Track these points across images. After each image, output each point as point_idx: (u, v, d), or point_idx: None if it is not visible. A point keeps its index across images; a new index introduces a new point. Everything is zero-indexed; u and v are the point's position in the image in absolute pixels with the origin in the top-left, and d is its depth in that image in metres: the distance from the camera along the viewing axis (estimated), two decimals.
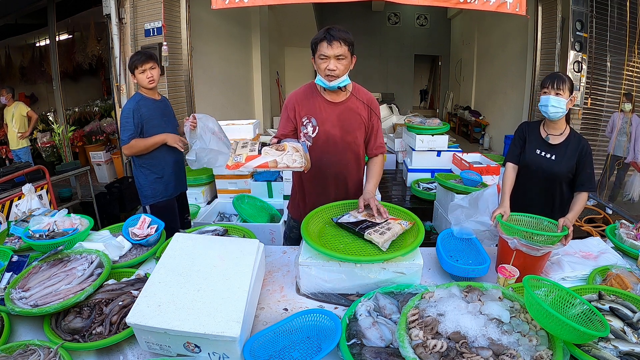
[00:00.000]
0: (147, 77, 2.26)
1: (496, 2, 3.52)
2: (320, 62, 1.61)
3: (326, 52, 1.57)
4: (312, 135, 1.74)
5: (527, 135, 1.92)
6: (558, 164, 1.80)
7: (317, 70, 1.65)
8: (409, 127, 4.42)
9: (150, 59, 2.27)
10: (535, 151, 1.87)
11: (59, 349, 1.06)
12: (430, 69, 14.14)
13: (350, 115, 1.75)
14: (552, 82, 1.74)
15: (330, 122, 1.73)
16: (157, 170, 2.36)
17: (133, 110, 2.23)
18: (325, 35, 1.57)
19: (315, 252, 1.32)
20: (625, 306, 1.19)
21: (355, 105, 1.75)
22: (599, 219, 4.37)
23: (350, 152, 1.80)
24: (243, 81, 7.15)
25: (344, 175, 1.82)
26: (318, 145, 1.75)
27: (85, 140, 5.83)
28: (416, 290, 1.25)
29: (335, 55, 1.58)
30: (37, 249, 1.59)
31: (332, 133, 1.74)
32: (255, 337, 1.10)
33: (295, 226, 1.98)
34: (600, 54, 4.73)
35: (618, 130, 4.48)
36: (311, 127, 1.74)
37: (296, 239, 1.97)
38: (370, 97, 1.80)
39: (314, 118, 1.73)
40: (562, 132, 1.83)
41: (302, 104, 1.76)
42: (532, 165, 1.86)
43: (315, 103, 1.74)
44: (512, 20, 6.22)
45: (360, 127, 1.78)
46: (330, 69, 1.59)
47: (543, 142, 1.85)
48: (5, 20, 6.37)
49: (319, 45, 1.60)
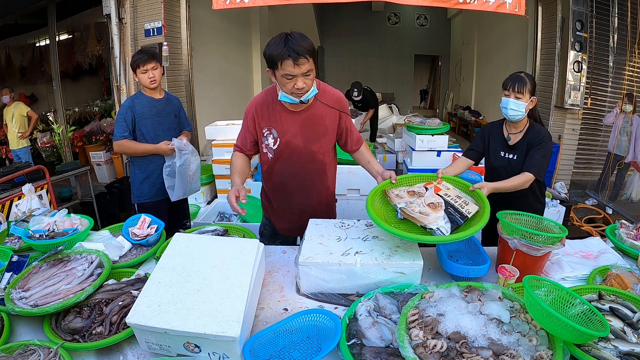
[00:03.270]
0: (148, 77, 2.28)
1: (495, 3, 3.51)
2: (286, 81, 1.45)
3: (293, 72, 1.42)
4: (274, 148, 1.66)
5: (490, 137, 1.96)
6: (519, 163, 1.82)
7: (281, 86, 1.51)
8: (409, 127, 4.41)
9: (153, 58, 2.28)
10: (500, 153, 1.90)
11: (59, 349, 1.05)
12: (430, 69, 14.13)
13: (314, 124, 1.65)
14: (512, 85, 1.75)
15: (291, 133, 1.63)
16: (144, 170, 2.39)
17: (128, 107, 2.27)
18: (288, 52, 1.38)
19: (316, 250, 1.32)
20: (625, 306, 1.19)
21: (319, 112, 1.64)
22: (599, 219, 4.37)
23: (315, 162, 1.72)
24: (243, 81, 7.15)
25: (308, 185, 1.76)
26: (280, 157, 1.69)
27: (85, 140, 5.83)
28: (416, 290, 1.25)
29: (302, 73, 1.43)
30: (37, 249, 1.59)
31: (294, 144, 1.65)
32: (255, 337, 1.10)
33: (267, 223, 1.94)
34: (600, 54, 4.73)
35: (619, 130, 4.48)
36: (272, 138, 1.65)
37: (270, 236, 1.94)
38: (337, 97, 1.68)
39: (274, 129, 1.63)
40: (521, 130, 1.85)
41: (262, 115, 1.64)
42: (498, 167, 1.90)
43: (276, 113, 1.62)
44: (512, 20, 6.21)
45: (326, 135, 1.69)
46: (299, 87, 1.46)
47: (504, 143, 1.89)
48: (5, 20, 6.37)
49: (282, 64, 1.41)
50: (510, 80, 1.76)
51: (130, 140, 2.28)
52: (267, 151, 1.69)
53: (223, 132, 3.60)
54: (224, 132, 3.59)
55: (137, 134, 2.31)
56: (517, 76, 1.77)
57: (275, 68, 1.45)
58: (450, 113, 10.67)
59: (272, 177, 1.78)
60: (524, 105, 1.74)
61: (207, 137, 3.72)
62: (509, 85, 1.76)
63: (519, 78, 1.75)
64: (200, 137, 4.98)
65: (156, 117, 2.36)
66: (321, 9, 9.77)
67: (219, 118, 4.18)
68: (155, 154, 2.34)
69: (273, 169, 1.74)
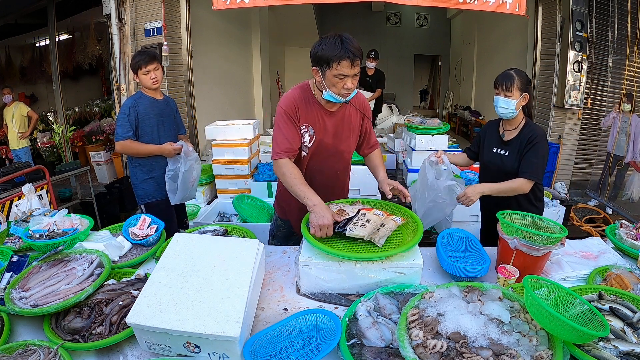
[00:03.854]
0: (150, 78, 2.27)
1: (495, 3, 3.52)
2: (337, 81, 1.48)
3: (347, 72, 1.46)
4: (309, 146, 1.69)
5: (486, 134, 1.99)
6: (509, 159, 1.83)
7: (329, 86, 1.51)
8: (409, 127, 4.41)
9: (154, 59, 2.27)
10: (493, 149, 1.92)
11: (59, 349, 1.06)
12: (430, 69, 14.12)
13: (344, 124, 1.71)
14: (501, 84, 1.77)
15: (325, 132, 1.68)
16: (147, 170, 2.38)
17: (130, 107, 2.25)
18: (347, 53, 1.42)
19: (316, 250, 1.32)
20: (625, 306, 1.19)
21: (349, 114, 1.71)
22: (599, 219, 4.37)
23: (341, 161, 1.79)
24: (243, 81, 7.15)
25: (332, 183, 1.81)
26: (314, 155, 1.72)
27: (85, 140, 5.83)
28: (416, 290, 1.25)
29: (353, 74, 1.49)
30: (37, 249, 1.59)
31: (326, 142, 1.70)
32: (255, 337, 1.10)
33: (282, 225, 1.96)
34: (600, 54, 4.73)
35: (618, 130, 4.48)
36: (308, 136, 1.67)
37: (284, 237, 1.97)
38: (363, 100, 1.77)
39: (311, 127, 1.66)
40: (516, 127, 1.86)
41: (301, 112, 1.65)
42: (489, 163, 1.93)
43: (314, 111, 1.64)
44: (512, 20, 6.22)
45: (352, 135, 1.76)
46: (348, 87, 1.50)
47: (499, 140, 1.91)
48: (5, 20, 6.37)
49: (338, 63, 1.43)
50: (500, 79, 1.78)
51: (134, 140, 2.27)
52: (302, 149, 1.71)
53: (223, 132, 3.59)
54: (224, 132, 3.59)
55: (139, 134, 2.30)
56: (507, 74, 1.78)
57: (327, 67, 1.47)
58: (450, 113, 10.66)
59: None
60: (514, 102, 1.75)
61: (207, 137, 3.72)
62: (498, 84, 1.78)
63: (508, 76, 1.76)
64: (200, 137, 4.97)
65: (159, 118, 2.36)
66: (321, 9, 9.77)
67: (219, 118, 4.18)
68: (159, 154, 2.34)
69: (305, 167, 1.75)
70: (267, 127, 7.41)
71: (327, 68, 1.47)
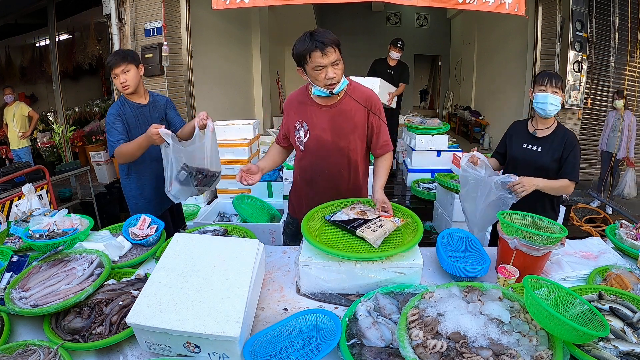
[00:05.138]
0: (120, 82, 1.99)
1: (495, 3, 3.52)
2: (317, 73, 1.53)
3: (322, 62, 1.49)
4: (304, 141, 1.72)
5: (513, 133, 1.99)
6: (544, 155, 1.84)
7: (313, 81, 1.58)
8: (409, 127, 4.41)
9: (124, 60, 1.98)
10: (522, 145, 1.92)
11: (59, 349, 1.06)
12: (430, 69, 14.12)
13: (344, 119, 1.68)
14: (550, 80, 1.78)
15: (320, 127, 1.69)
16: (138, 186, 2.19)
17: (116, 115, 2.01)
18: (315, 44, 1.47)
19: (316, 250, 1.32)
20: (625, 306, 1.19)
21: (349, 107, 1.68)
22: (599, 219, 4.37)
23: (344, 158, 1.74)
24: (243, 81, 7.15)
25: (337, 181, 1.78)
26: (310, 151, 1.73)
27: (85, 140, 5.84)
28: (416, 290, 1.25)
29: (331, 63, 1.51)
30: (37, 249, 1.59)
31: (323, 138, 1.70)
32: (255, 337, 1.10)
33: (291, 222, 1.99)
34: (600, 54, 4.73)
35: (611, 126, 4.50)
36: (303, 132, 1.72)
37: (292, 235, 1.99)
38: (368, 94, 1.70)
39: (305, 122, 1.71)
40: (549, 126, 1.88)
41: (296, 109, 1.75)
42: (519, 158, 1.92)
43: (307, 107, 1.71)
44: (512, 20, 6.21)
45: (356, 131, 1.71)
46: (330, 77, 1.52)
47: (529, 136, 1.91)
48: (5, 20, 6.37)
49: (310, 56, 1.49)
50: (547, 76, 1.79)
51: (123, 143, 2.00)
52: (299, 144, 1.75)
53: (223, 132, 3.59)
54: (224, 132, 3.59)
55: None
56: (551, 73, 1.81)
57: (305, 63, 1.53)
58: (450, 113, 10.66)
59: (304, 172, 1.83)
60: (560, 99, 1.79)
61: None
62: (545, 81, 1.77)
63: (554, 74, 1.80)
64: None
65: (144, 127, 1.96)
66: (321, 9, 9.76)
67: (219, 118, 4.18)
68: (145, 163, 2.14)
69: (304, 162, 1.79)
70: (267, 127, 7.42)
71: (305, 64, 1.54)
